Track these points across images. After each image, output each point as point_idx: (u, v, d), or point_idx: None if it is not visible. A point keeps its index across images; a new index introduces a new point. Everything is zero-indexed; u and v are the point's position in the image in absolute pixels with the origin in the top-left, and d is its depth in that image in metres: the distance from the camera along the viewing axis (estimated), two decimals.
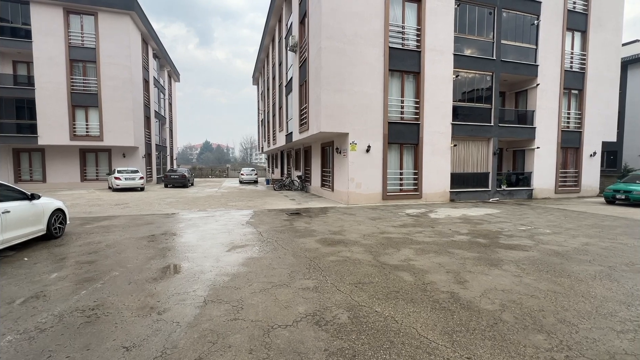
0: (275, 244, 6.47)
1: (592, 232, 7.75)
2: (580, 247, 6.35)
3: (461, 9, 13.82)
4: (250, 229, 8.00)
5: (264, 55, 29.01)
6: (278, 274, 4.67)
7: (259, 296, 3.90)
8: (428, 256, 5.63)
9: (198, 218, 9.58)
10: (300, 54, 15.10)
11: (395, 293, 4.02)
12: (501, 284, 4.33)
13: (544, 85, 15.29)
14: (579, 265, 5.14)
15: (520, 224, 8.78)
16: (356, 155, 12.53)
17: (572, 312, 3.50)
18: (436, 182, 13.80)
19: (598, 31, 16.04)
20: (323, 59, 11.76)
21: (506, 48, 14.61)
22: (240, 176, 28.34)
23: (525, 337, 2.98)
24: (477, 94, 14.69)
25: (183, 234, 7.47)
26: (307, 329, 3.13)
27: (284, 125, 20.01)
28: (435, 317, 3.38)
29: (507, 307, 3.62)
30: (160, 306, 3.62)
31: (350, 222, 8.85)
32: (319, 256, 5.58)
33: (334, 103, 12.00)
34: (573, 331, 3.09)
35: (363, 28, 12.20)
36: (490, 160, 14.85)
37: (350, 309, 3.57)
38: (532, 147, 15.57)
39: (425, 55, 13.15)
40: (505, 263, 5.25)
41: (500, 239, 7.03)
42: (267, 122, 29.14)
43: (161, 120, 30.76)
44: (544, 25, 15.03)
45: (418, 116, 13.38)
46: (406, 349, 2.80)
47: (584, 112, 16.22)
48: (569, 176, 16.57)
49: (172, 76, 36.30)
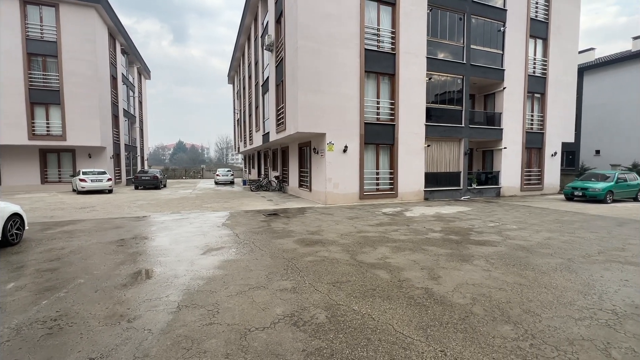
0: (252, 245, 6.37)
1: (554, 227, 8.27)
2: (543, 241, 6.75)
3: (433, 14, 14.29)
4: (226, 230, 7.83)
5: (239, 53, 28.53)
6: (255, 276, 4.61)
7: (235, 299, 3.83)
8: (404, 254, 5.77)
9: (171, 221, 9.25)
10: (277, 54, 14.99)
11: (372, 291, 4.08)
12: (472, 278, 4.52)
13: (510, 89, 16.13)
14: (542, 259, 5.47)
15: (489, 221, 9.20)
16: (333, 156, 12.61)
17: (535, 302, 3.72)
18: (411, 182, 14.18)
19: (557, 39, 17.15)
20: (300, 59, 11.75)
21: (475, 53, 15.28)
22: (216, 177, 27.66)
23: (493, 328, 3.13)
24: (449, 96, 15.25)
25: (155, 237, 7.19)
26: (285, 330, 3.11)
27: (261, 125, 19.78)
28: (410, 313, 3.47)
29: (478, 300, 3.79)
30: (131, 313, 3.46)
31: (328, 222, 8.90)
32: (296, 257, 5.57)
33: (311, 103, 12.01)
34: (537, 320, 3.28)
35: (339, 29, 12.30)
36: (461, 160, 15.47)
37: (328, 308, 3.59)
38: (499, 148, 16.38)
39: (400, 58, 13.48)
40: (476, 258, 5.49)
41: (471, 235, 7.34)
42: (243, 122, 28.67)
43: (130, 119, 29.43)
44: (510, 32, 15.86)
45: (393, 117, 13.68)
46: (383, 346, 2.85)
47: (546, 115, 17.28)
48: (532, 175, 17.58)
49: (143, 73, 34.82)
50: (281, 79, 14.24)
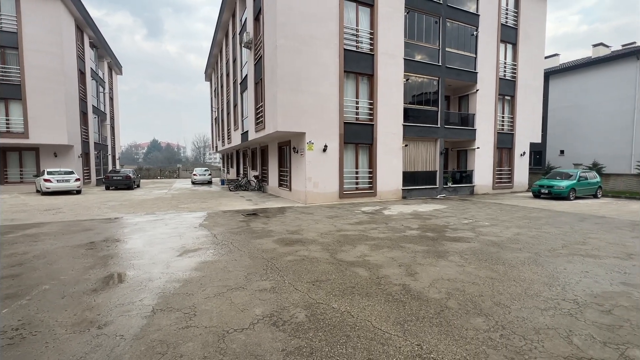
0: (230, 246, 6.27)
1: (522, 223, 8.71)
2: (512, 236, 7.09)
3: (410, 17, 14.62)
4: (203, 231, 7.65)
5: (217, 50, 27.92)
6: (234, 277, 4.54)
7: (213, 301, 3.75)
8: (382, 251, 5.87)
9: (145, 222, 8.92)
10: (256, 51, 14.80)
11: (351, 288, 4.13)
12: (447, 274, 4.68)
13: (483, 91, 16.79)
14: (511, 253, 5.74)
15: (463, 218, 9.55)
16: (313, 155, 12.62)
17: (505, 295, 3.91)
18: (390, 181, 14.45)
19: (526, 44, 18.04)
20: (279, 58, 11.66)
21: (450, 55, 15.78)
22: (193, 177, 26.92)
23: (467, 321, 3.26)
24: (426, 97, 15.67)
25: (128, 239, 6.90)
26: (264, 331, 3.08)
27: (239, 124, 19.46)
28: (388, 309, 3.54)
29: (452, 294, 3.93)
30: (101, 319, 3.31)
31: (308, 221, 8.90)
32: (276, 256, 5.53)
33: (291, 102, 11.96)
34: (506, 312, 3.45)
35: (319, 29, 12.32)
36: (437, 160, 15.94)
37: (308, 307, 3.60)
38: (473, 148, 17.02)
39: (378, 59, 13.69)
40: (451, 254, 5.68)
41: (446, 232, 7.58)
42: (221, 120, 28.09)
43: (101, 116, 28.06)
44: (482, 36, 16.50)
45: (372, 117, 13.88)
46: (361, 342, 2.90)
47: (515, 117, 18.14)
48: (503, 174, 18.41)
49: (114, 68, 33.27)
50: (260, 77, 14.07)
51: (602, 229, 7.96)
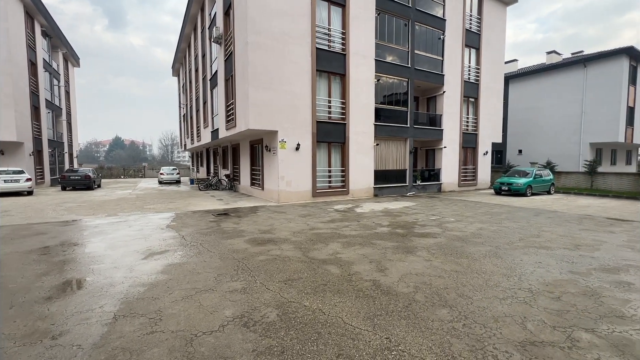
0: (200, 247, 6.08)
1: (485, 219, 9.23)
2: (476, 231, 7.49)
3: (381, 18, 14.93)
4: (171, 233, 7.36)
5: (185, 45, 26.88)
6: (203, 279, 4.41)
7: (180, 304, 3.62)
8: (354, 248, 5.97)
9: (107, 224, 8.41)
10: (226, 47, 14.42)
11: (323, 286, 4.16)
12: (415, 268, 4.85)
13: (449, 93, 17.54)
14: (474, 247, 6.07)
15: (431, 214, 9.94)
16: (286, 154, 12.55)
17: (468, 287, 4.12)
18: (362, 179, 14.70)
19: (488, 49, 19.07)
20: (250, 55, 11.44)
21: (419, 58, 16.32)
22: (160, 176, 25.75)
23: (432, 313, 3.40)
24: (396, 97, 16.09)
25: (87, 243, 6.48)
26: (235, 332, 3.03)
27: (209, 121, 18.88)
28: (359, 305, 3.61)
29: (420, 288, 4.08)
30: (56, 329, 3.08)
31: (281, 220, 8.84)
32: (247, 257, 5.45)
33: (263, 100, 11.79)
34: (469, 303, 3.64)
35: (291, 26, 12.24)
36: (407, 159, 16.45)
37: (280, 306, 3.58)
38: (440, 147, 17.74)
39: (350, 59, 13.85)
40: (419, 250, 5.90)
41: (415, 228, 7.86)
42: (190, 118, 27.11)
43: (55, 111, 26.03)
44: (448, 40, 17.22)
45: (344, 116, 14.03)
46: (332, 338, 2.93)
47: (479, 117, 19.14)
48: (468, 172, 19.38)
49: (70, 60, 30.96)
50: (231, 74, 13.74)
51: (554, 223, 8.63)
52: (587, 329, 3.08)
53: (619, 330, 3.04)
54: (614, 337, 2.94)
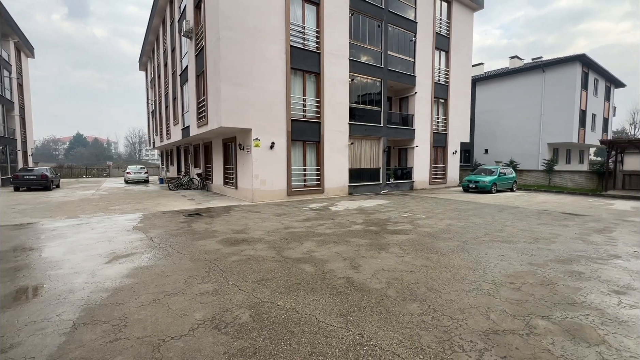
0: (169, 249, 5.85)
1: (453, 215, 9.62)
2: (445, 227, 7.80)
3: (355, 19, 15.09)
4: (138, 235, 7.02)
5: (153, 37, 25.70)
6: (172, 282, 4.25)
7: (147, 309, 3.47)
8: (328, 246, 6.01)
9: (66, 227, 7.88)
10: (197, 42, 13.95)
11: (297, 285, 4.15)
12: (387, 264, 4.96)
13: (420, 94, 18.09)
14: (444, 242, 6.31)
15: (403, 212, 10.22)
16: (260, 152, 12.37)
17: (437, 281, 4.28)
18: (337, 178, 14.82)
19: (456, 53, 19.86)
20: (222, 51, 11.15)
21: (392, 59, 16.68)
22: (126, 175, 24.48)
23: (403, 307, 3.50)
24: (370, 97, 16.36)
25: (44, 247, 6.03)
26: (205, 335, 2.95)
27: (180, 118, 18.20)
28: (332, 302, 3.64)
29: (391, 284, 4.18)
30: (6, 342, 2.84)
31: (255, 220, 8.72)
32: (220, 257, 5.32)
33: (236, 97, 11.54)
34: (437, 296, 3.78)
35: (265, 23, 12.06)
36: (381, 157, 16.78)
37: (252, 307, 3.53)
38: (412, 146, 18.26)
39: (325, 57, 13.89)
40: (391, 246, 6.04)
41: (388, 225, 8.04)
42: (159, 114, 25.98)
43: (6, 105, 23.95)
44: (420, 42, 17.74)
45: (319, 115, 14.06)
46: (306, 337, 2.93)
47: (448, 118, 19.91)
48: (438, 170, 20.11)
49: (23, 50, 28.57)
50: (202, 70, 13.31)
51: (516, 218, 9.17)
52: (543, 316, 3.30)
53: (570, 317, 3.29)
54: (566, 322, 3.17)
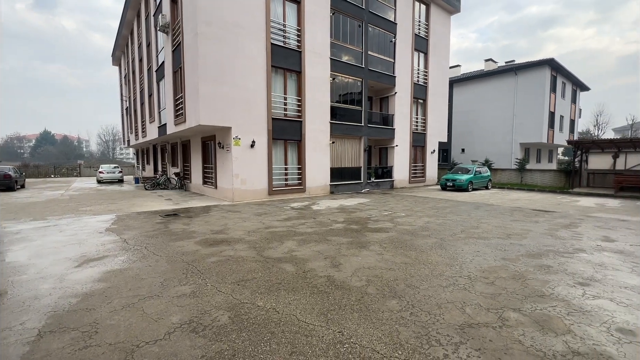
0: (145, 251, 5.65)
1: (431, 213, 9.87)
2: (423, 225, 7.98)
3: (336, 18, 15.14)
4: (111, 236, 6.73)
5: (127, 31, 24.71)
6: (147, 285, 4.10)
7: (121, 314, 3.33)
8: (309, 245, 6.00)
9: (32, 229, 7.43)
10: (174, 37, 13.53)
11: (277, 285, 4.12)
12: (368, 262, 5.02)
13: (400, 94, 18.41)
14: (422, 240, 6.46)
15: (384, 210, 10.37)
16: (240, 151, 12.18)
17: (416, 277, 4.37)
18: (318, 177, 14.83)
19: (434, 54, 20.36)
20: (200, 47, 10.87)
21: (373, 59, 16.87)
22: (99, 175, 23.39)
23: (383, 304, 3.55)
24: (351, 97, 16.47)
25: (6, 252, 5.66)
26: (182, 339, 2.87)
27: (156, 116, 17.61)
28: (313, 301, 3.64)
29: (372, 281, 4.23)
30: None
31: (235, 220, 8.57)
32: (198, 259, 5.19)
33: (215, 95, 11.29)
34: (416, 292, 3.87)
35: (245, 20, 11.86)
36: (362, 156, 16.95)
37: (232, 308, 3.47)
38: (392, 145, 18.56)
39: (306, 56, 13.85)
40: (372, 244, 6.11)
41: (368, 223, 8.13)
42: (134, 111, 25.03)
43: None
44: (399, 43, 18.04)
45: (300, 114, 14.01)
46: (286, 337, 2.91)
47: (427, 118, 20.38)
48: (418, 169, 20.57)
49: None
50: (179, 66, 12.92)
51: (491, 215, 9.52)
52: (515, 308, 3.44)
53: (540, 308, 3.45)
54: (536, 314, 3.32)
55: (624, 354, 2.65)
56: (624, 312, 3.38)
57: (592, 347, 2.75)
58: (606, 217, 9.15)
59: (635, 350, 2.71)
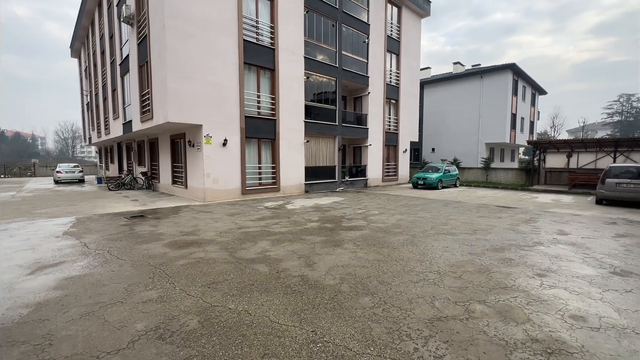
0: (107, 255, 5.32)
1: (404, 210, 10.13)
2: (396, 222, 8.17)
3: (310, 17, 15.09)
4: (69, 241, 6.28)
5: (87, 21, 23.17)
6: (110, 291, 3.86)
7: (79, 323, 3.11)
8: (283, 245, 5.94)
9: None
10: (139, 29, 12.85)
11: (250, 286, 4.04)
12: (342, 260, 5.05)
13: (374, 94, 18.72)
14: (394, 237, 6.60)
15: (358, 208, 10.50)
16: (212, 149, 11.83)
17: (388, 274, 4.46)
18: (293, 176, 14.74)
19: (406, 56, 20.90)
20: (168, 40, 10.41)
21: (346, 59, 17.01)
22: (56, 174, 21.77)
23: (356, 302, 3.58)
24: (325, 96, 16.52)
25: None
26: (148, 347, 2.72)
27: (120, 112, 16.67)
28: (286, 302, 3.60)
29: (345, 279, 4.26)
30: None
31: (206, 220, 8.31)
32: (166, 262, 4.97)
33: (184, 91, 10.87)
34: (388, 289, 3.94)
35: (215, 14, 11.50)
36: (336, 155, 17.06)
37: (201, 312, 3.35)
38: (366, 145, 18.85)
39: (280, 54, 13.69)
40: (346, 242, 6.16)
41: (343, 222, 8.20)
42: (96, 107, 23.55)
43: None
44: (372, 44, 18.33)
45: (274, 112, 13.84)
46: (258, 339, 2.86)
47: (399, 118, 20.90)
48: (390, 168, 21.05)
49: None
50: (146, 60, 12.30)
51: (458, 212, 9.94)
52: (480, 300, 3.61)
53: (502, 299, 3.64)
54: (499, 305, 3.50)
55: (576, 339, 2.85)
56: (576, 300, 3.65)
57: (548, 333, 2.94)
58: (561, 212, 9.86)
59: (586, 335, 2.92)
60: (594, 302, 3.59)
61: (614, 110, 59.80)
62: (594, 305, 3.51)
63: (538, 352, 2.66)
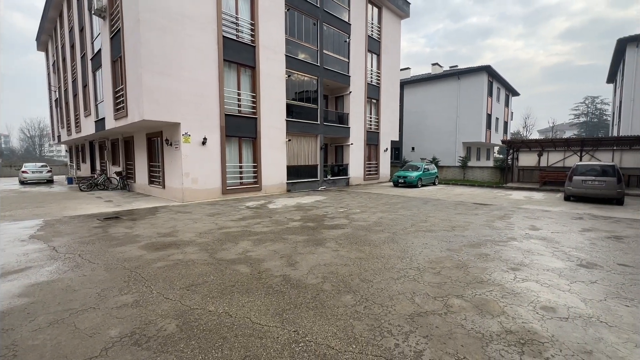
0: (78, 259, 5.07)
1: (385, 208, 10.28)
2: (377, 220, 8.27)
3: (291, 15, 14.99)
4: (36, 244, 5.94)
5: (55, 13, 21.96)
6: (81, 297, 3.68)
7: (46, 332, 2.94)
8: (265, 245, 5.88)
9: None
10: (112, 22, 12.31)
11: (231, 287, 3.96)
12: (324, 259, 5.05)
13: (355, 93, 18.86)
14: (376, 235, 6.68)
15: (340, 207, 10.56)
16: (191, 148, 11.52)
17: (370, 272, 4.51)
18: (274, 175, 14.62)
19: (386, 56, 21.19)
20: (144, 35, 10.03)
21: (328, 58, 17.03)
22: (22, 175, 20.54)
23: (338, 300, 3.59)
24: (307, 95, 16.47)
25: None
26: (122, 354, 2.61)
27: (92, 109, 15.93)
28: (268, 302, 3.56)
29: (327, 278, 4.27)
30: None
31: (185, 221, 8.09)
32: (142, 264, 4.79)
33: (160, 88, 10.52)
34: (370, 286, 3.98)
35: (192, 8, 11.19)
36: (318, 154, 17.07)
37: (180, 315, 3.25)
38: (348, 144, 18.98)
39: (260, 52, 13.52)
40: (328, 241, 6.17)
41: (325, 221, 8.21)
42: (65, 104, 22.37)
43: None
44: (353, 44, 18.45)
45: (255, 110, 13.66)
46: (239, 341, 2.81)
47: (380, 118, 21.18)
48: (372, 167, 21.30)
49: None
50: (119, 55, 11.80)
51: (437, 209, 10.20)
52: (458, 295, 3.71)
53: (479, 294, 3.76)
54: (476, 299, 3.62)
55: (547, 329, 2.99)
56: (547, 292, 3.82)
57: (521, 325, 3.06)
58: (533, 209, 10.32)
59: (556, 325, 3.07)
60: (563, 293, 3.78)
61: (580, 112, 63.25)
62: (562, 296, 3.69)
63: (512, 343, 2.76)
